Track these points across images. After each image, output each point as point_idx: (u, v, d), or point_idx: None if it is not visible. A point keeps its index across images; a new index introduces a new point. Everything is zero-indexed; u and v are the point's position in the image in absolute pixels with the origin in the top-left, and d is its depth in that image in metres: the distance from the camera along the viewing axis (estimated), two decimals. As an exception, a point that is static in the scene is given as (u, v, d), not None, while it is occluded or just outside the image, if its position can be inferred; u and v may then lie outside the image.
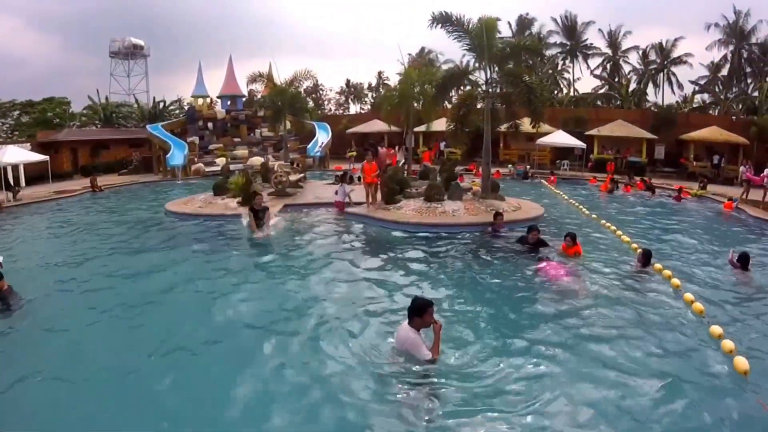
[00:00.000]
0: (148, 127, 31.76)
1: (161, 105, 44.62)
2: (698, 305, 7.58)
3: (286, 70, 61.64)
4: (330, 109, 60.88)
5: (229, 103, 36.13)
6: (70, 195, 21.31)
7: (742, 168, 23.93)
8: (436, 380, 5.32)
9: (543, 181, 26.70)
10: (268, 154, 31.57)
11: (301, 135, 35.75)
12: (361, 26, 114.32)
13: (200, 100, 35.71)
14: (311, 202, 16.84)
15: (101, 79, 60.66)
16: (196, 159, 29.53)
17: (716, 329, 6.68)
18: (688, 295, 7.99)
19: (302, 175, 21.33)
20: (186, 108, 39.11)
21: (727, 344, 6.20)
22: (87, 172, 28.97)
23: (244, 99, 38.23)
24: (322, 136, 34.31)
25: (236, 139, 33.92)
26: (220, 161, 29.35)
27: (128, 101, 49.28)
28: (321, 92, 60.32)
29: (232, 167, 24.57)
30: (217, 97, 37.27)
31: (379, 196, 15.47)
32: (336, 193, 15.89)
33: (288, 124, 28.95)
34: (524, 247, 10.77)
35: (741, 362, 5.74)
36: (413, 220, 13.50)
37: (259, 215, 12.65)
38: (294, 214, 15.24)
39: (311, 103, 50.07)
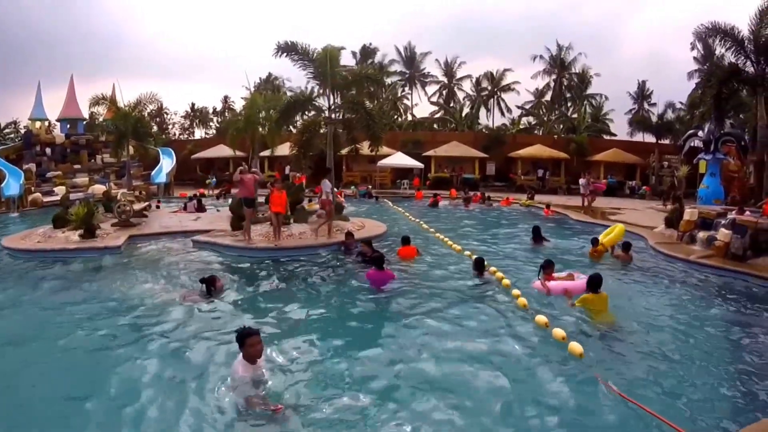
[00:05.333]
0: (-21, 153, 28.66)
1: (-6, 128, 40.18)
2: (523, 300, 8.59)
3: (130, 92, 58.81)
4: (175, 134, 58.86)
5: (69, 126, 33.83)
6: None
7: (582, 181, 25.70)
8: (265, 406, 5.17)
9: (388, 201, 27.80)
10: (110, 182, 29.95)
11: (144, 161, 34.49)
12: (207, 49, 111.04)
13: (38, 123, 33.02)
14: (157, 231, 16.36)
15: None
16: (33, 188, 27.18)
17: (541, 318, 7.56)
18: (516, 291, 9.11)
19: (147, 203, 20.70)
20: (22, 131, 35.69)
21: (558, 332, 6.94)
22: None
23: (85, 122, 35.88)
24: (167, 162, 33.51)
25: (76, 166, 31.95)
26: (59, 190, 27.31)
27: (-40, 123, 43.65)
28: (165, 116, 58.03)
29: (72, 197, 23.04)
30: (57, 120, 34.69)
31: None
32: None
33: (131, 150, 27.81)
34: (364, 260, 11.59)
35: (575, 346, 6.47)
36: (261, 245, 13.70)
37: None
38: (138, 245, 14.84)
39: (155, 128, 48.14)
